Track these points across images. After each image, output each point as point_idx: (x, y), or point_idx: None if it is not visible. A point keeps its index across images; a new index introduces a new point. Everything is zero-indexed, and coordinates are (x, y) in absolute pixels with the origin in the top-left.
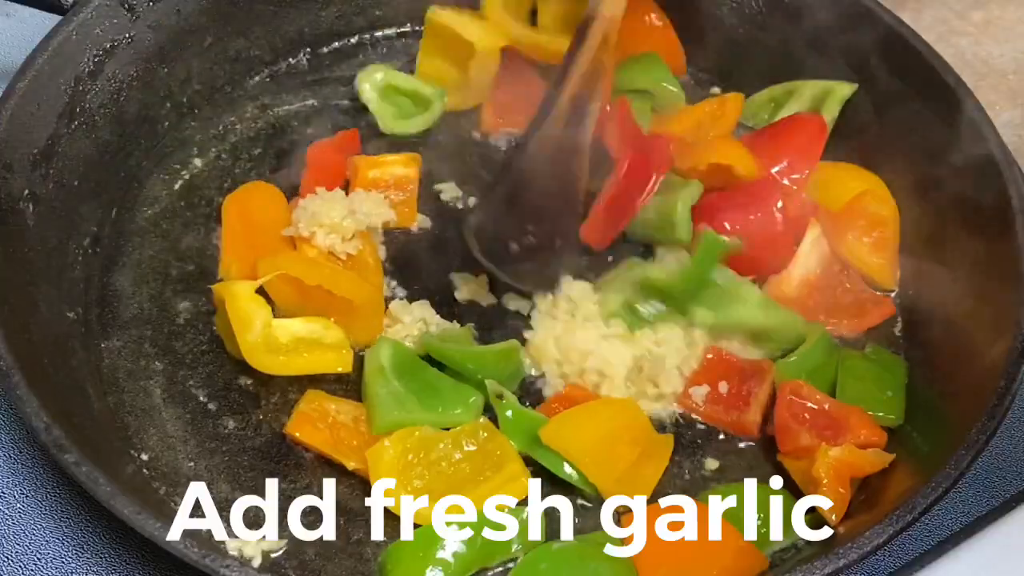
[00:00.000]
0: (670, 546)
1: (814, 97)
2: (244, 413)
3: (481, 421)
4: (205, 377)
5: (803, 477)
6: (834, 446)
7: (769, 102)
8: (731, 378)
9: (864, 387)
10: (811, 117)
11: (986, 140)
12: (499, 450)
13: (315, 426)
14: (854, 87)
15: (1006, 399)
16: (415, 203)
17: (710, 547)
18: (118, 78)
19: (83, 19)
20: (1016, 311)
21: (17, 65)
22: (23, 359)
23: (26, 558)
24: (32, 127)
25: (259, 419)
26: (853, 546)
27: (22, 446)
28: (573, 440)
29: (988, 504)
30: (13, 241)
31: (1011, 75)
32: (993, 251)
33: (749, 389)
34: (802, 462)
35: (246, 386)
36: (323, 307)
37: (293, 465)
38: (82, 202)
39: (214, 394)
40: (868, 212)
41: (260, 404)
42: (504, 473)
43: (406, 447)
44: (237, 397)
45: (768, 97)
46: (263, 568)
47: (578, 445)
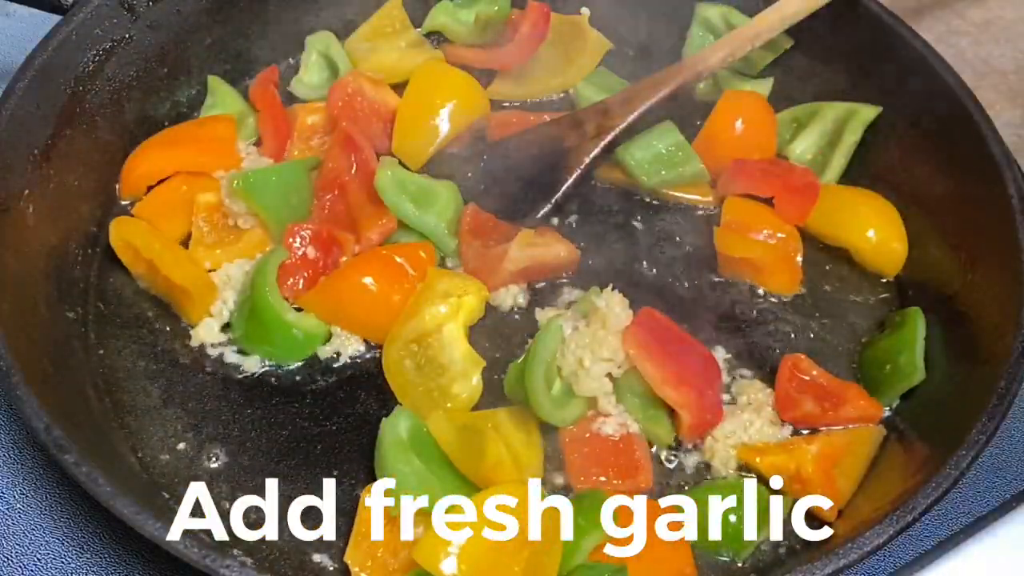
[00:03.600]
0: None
1: (837, 119)
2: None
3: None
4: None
5: (791, 482)
6: (827, 426)
7: (792, 122)
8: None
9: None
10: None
11: (986, 140)
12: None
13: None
14: (878, 109)
15: (1006, 399)
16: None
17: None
18: (118, 78)
19: (83, 19)
20: (1016, 311)
21: (17, 65)
22: (23, 359)
23: (26, 558)
24: (32, 127)
25: (259, 419)
26: (853, 546)
27: (22, 446)
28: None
29: (988, 504)
30: (13, 241)
31: (1011, 75)
32: (993, 251)
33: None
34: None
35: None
36: (162, 285)
37: (293, 465)
38: (82, 202)
39: (214, 394)
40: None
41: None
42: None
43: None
44: (237, 397)
45: (791, 117)
46: (263, 568)
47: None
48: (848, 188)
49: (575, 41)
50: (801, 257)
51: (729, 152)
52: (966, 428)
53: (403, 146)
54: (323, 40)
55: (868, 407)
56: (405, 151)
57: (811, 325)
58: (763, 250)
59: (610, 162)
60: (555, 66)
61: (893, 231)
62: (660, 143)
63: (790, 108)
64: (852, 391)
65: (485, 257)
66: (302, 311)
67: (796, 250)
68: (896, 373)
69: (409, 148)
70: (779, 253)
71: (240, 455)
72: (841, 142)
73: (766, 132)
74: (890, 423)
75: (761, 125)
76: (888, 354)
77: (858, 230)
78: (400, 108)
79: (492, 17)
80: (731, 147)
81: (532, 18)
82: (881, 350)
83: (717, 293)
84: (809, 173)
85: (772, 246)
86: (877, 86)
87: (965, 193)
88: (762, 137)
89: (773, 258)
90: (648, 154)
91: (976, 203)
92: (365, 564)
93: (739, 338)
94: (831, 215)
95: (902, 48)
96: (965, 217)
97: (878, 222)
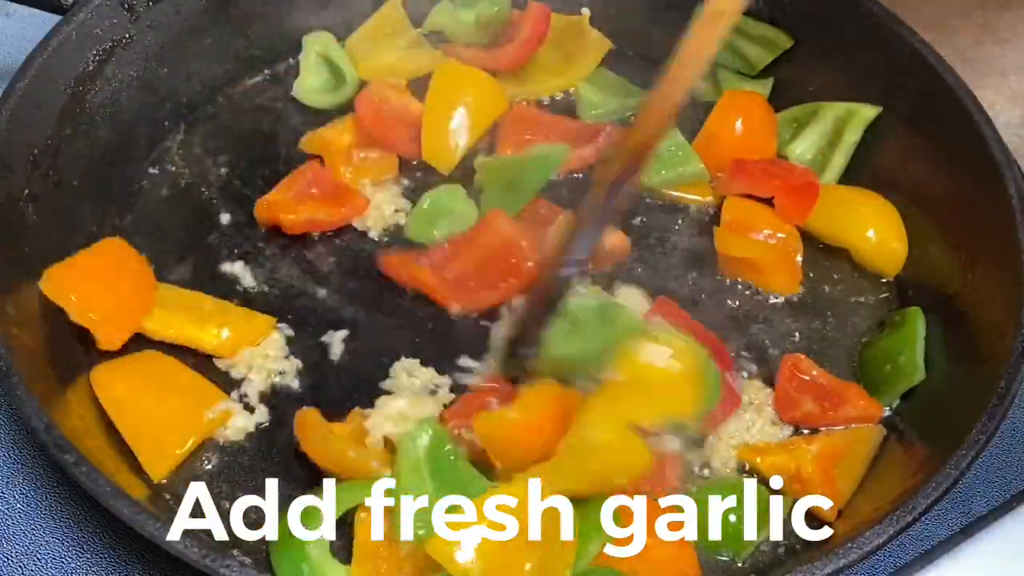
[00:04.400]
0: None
1: (837, 118)
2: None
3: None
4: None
5: (791, 482)
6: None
7: (792, 122)
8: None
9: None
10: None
11: (986, 140)
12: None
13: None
14: (878, 109)
15: (1006, 399)
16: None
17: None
18: (118, 78)
19: (83, 19)
20: (1016, 311)
21: (17, 65)
22: (23, 359)
23: (26, 558)
24: (32, 127)
25: (259, 419)
26: (853, 546)
27: (22, 446)
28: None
29: (988, 504)
30: (13, 241)
31: (1011, 75)
32: (993, 251)
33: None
34: (789, 465)
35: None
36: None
37: (293, 465)
38: (82, 202)
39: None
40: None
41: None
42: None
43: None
44: (237, 397)
45: (791, 117)
46: (263, 568)
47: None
48: (848, 188)
49: (576, 41)
50: (801, 257)
51: (729, 152)
52: (966, 428)
53: (432, 152)
54: (321, 41)
55: (868, 407)
56: (435, 157)
57: (811, 325)
58: (763, 250)
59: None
60: (555, 66)
61: (893, 231)
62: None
63: (790, 108)
64: (852, 391)
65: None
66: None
67: (796, 250)
68: (896, 373)
69: (438, 154)
70: (779, 253)
71: (240, 455)
72: (841, 142)
73: (766, 132)
74: (890, 423)
75: (761, 125)
76: (888, 354)
77: (858, 230)
78: (425, 115)
79: (492, 18)
80: (731, 147)
81: (532, 19)
82: (881, 350)
83: (717, 293)
84: (809, 173)
85: (772, 246)
86: (877, 86)
87: (965, 193)
88: (762, 137)
89: (773, 258)
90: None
91: (976, 203)
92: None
93: (740, 338)
94: (831, 215)
95: (902, 48)
96: (965, 217)
97: (878, 222)
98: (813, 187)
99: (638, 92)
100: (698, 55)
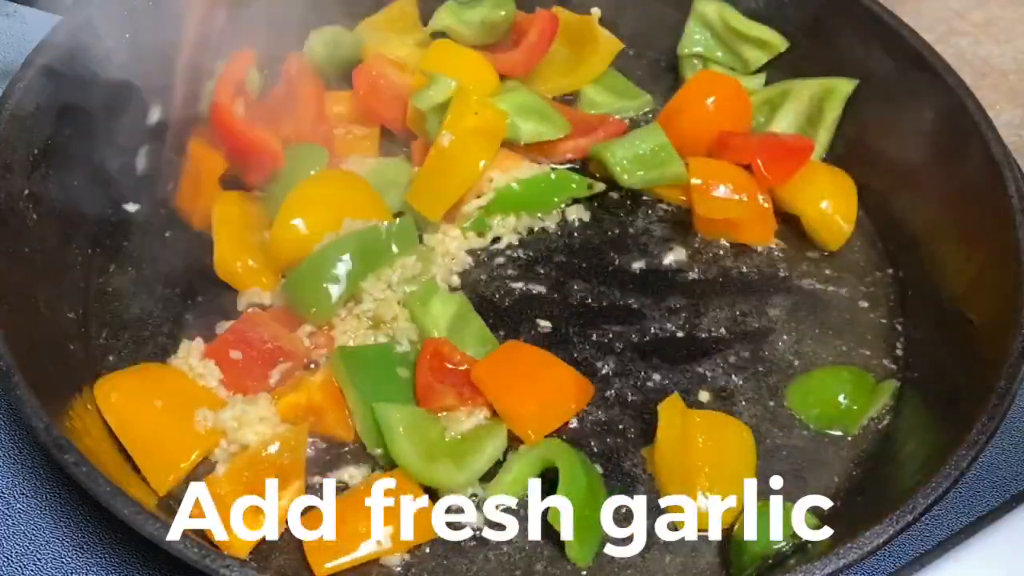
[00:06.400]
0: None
1: (813, 96)
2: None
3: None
4: None
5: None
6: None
7: (764, 104)
8: None
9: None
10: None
11: (986, 140)
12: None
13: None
14: (855, 83)
15: (1006, 399)
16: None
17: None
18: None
19: (83, 19)
20: (1016, 311)
21: (17, 65)
22: (23, 359)
23: (26, 558)
24: (32, 127)
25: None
26: (853, 546)
27: (22, 446)
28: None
29: (988, 504)
30: (13, 241)
31: (1011, 75)
32: (993, 251)
33: None
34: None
35: None
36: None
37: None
38: (82, 202)
39: None
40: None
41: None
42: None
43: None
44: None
45: (764, 99)
46: (263, 568)
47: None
48: (817, 162)
49: (585, 41)
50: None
51: (703, 129)
52: (966, 428)
53: (417, 124)
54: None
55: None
56: (420, 128)
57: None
58: (741, 209)
59: (592, 158)
60: (564, 66)
61: (844, 208)
62: (643, 143)
63: (759, 90)
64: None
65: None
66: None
67: (767, 200)
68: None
69: (421, 127)
70: (755, 208)
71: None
72: (822, 119)
73: (740, 112)
74: (890, 422)
75: (734, 104)
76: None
77: (814, 200)
78: (413, 88)
79: (497, 21)
80: (705, 126)
81: (540, 26)
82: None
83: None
84: (801, 137)
85: (747, 204)
86: (877, 86)
87: (965, 193)
88: (738, 117)
89: (750, 214)
90: (629, 153)
91: (976, 203)
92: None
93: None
94: (793, 183)
95: (902, 48)
96: (965, 217)
97: (833, 195)
98: (806, 147)
99: (639, 94)
100: None
